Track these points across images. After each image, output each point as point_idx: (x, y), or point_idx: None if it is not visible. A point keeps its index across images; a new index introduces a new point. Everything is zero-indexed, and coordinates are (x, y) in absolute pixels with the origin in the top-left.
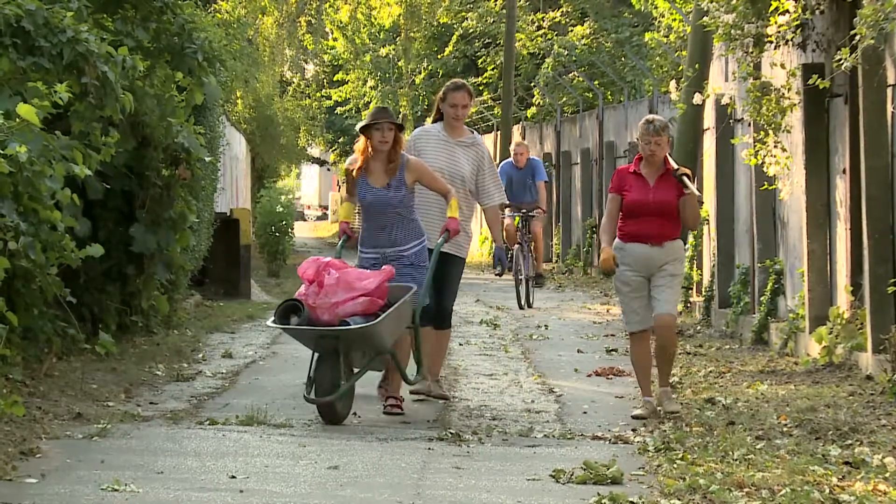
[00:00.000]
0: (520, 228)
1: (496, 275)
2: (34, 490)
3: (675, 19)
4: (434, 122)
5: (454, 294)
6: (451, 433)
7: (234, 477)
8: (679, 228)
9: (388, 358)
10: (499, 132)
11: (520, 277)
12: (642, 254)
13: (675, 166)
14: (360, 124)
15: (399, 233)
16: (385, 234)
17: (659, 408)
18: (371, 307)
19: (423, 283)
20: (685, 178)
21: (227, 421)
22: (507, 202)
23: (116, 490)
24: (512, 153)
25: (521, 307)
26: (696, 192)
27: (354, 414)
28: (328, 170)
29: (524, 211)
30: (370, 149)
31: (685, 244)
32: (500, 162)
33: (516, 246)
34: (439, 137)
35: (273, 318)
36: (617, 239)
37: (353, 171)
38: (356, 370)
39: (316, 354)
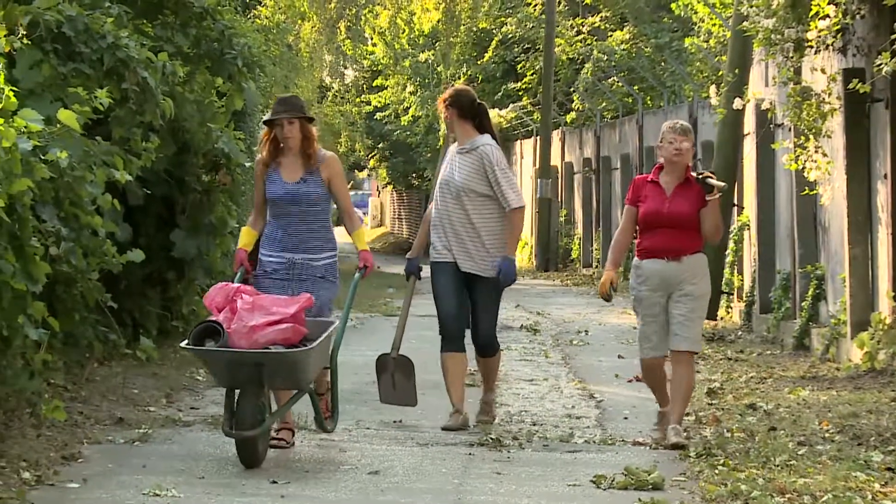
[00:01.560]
0: None
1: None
2: (76, 495)
3: (714, 24)
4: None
5: (493, 317)
6: (491, 438)
7: (274, 482)
8: (700, 242)
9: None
10: (538, 138)
11: None
12: (659, 271)
13: (696, 174)
14: (265, 117)
15: (312, 239)
16: (295, 236)
17: (664, 440)
18: (295, 335)
19: (330, 300)
20: (709, 180)
21: None
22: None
23: (158, 495)
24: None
25: None
26: (722, 184)
27: (396, 421)
28: (368, 175)
29: None
30: (277, 141)
31: (725, 249)
32: (539, 168)
33: None
34: (452, 150)
35: (187, 341)
36: (634, 257)
37: (263, 164)
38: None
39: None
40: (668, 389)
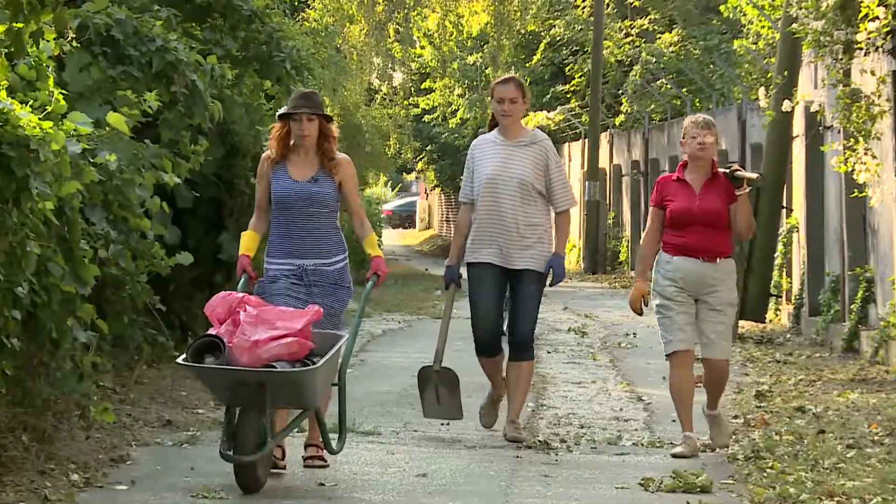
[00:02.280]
0: None
1: (548, 284)
2: (124, 497)
3: (763, 26)
4: (490, 128)
5: (533, 317)
6: (539, 441)
7: (322, 484)
8: (732, 244)
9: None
10: (587, 140)
11: None
12: (692, 270)
13: (723, 170)
14: (280, 111)
15: (322, 242)
16: (304, 241)
17: (706, 442)
18: (301, 350)
19: (344, 309)
20: (738, 173)
21: None
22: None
23: (206, 497)
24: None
25: None
26: (753, 175)
27: (444, 424)
28: (416, 178)
29: None
30: (289, 138)
31: (774, 252)
32: (588, 170)
33: None
34: (495, 142)
35: (184, 356)
36: (662, 253)
37: (270, 160)
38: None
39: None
40: (692, 408)
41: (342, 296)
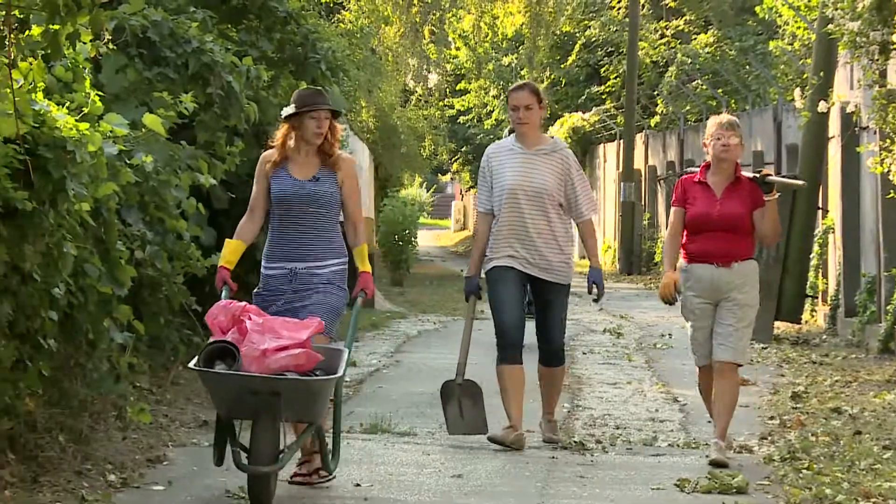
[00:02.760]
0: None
1: (593, 300)
2: (161, 497)
3: (799, 27)
4: (509, 133)
5: (562, 326)
6: (574, 442)
7: (358, 485)
8: (752, 247)
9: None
10: (622, 141)
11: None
12: (708, 276)
13: (750, 175)
14: (287, 110)
15: (318, 244)
16: (299, 243)
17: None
18: (309, 362)
19: (337, 310)
20: (770, 178)
21: (351, 429)
22: (596, 213)
23: (242, 497)
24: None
25: None
26: (796, 181)
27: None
28: (452, 179)
29: None
30: (292, 140)
31: (810, 253)
32: (623, 171)
33: None
34: (513, 150)
35: (195, 361)
36: (681, 260)
37: (268, 161)
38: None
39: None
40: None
41: (336, 294)
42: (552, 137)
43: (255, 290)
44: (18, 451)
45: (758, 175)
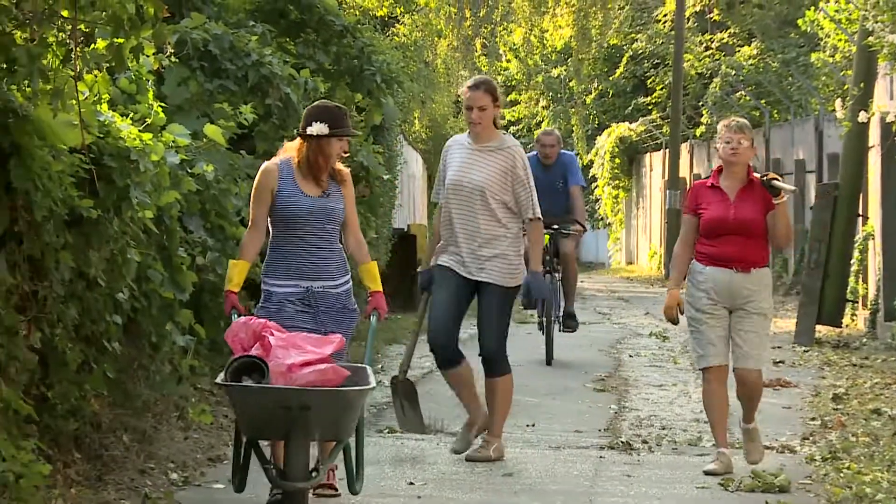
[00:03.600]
0: (547, 250)
1: (523, 307)
2: (221, 495)
3: (840, 39)
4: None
5: (497, 332)
6: (621, 442)
7: (412, 483)
8: (767, 253)
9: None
10: (667, 150)
11: (542, 318)
12: (725, 280)
13: (760, 176)
14: (314, 128)
15: (330, 262)
16: (312, 260)
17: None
18: (336, 378)
19: (349, 336)
20: (775, 182)
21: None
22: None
23: None
24: (538, 145)
25: (548, 362)
26: (791, 187)
27: (529, 425)
28: None
29: (555, 227)
30: (306, 157)
31: (850, 258)
32: (668, 179)
33: (546, 276)
34: (464, 145)
35: (223, 376)
36: (695, 262)
37: (275, 174)
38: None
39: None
40: (727, 424)
41: (349, 322)
42: (504, 134)
43: (257, 306)
44: (84, 451)
45: (764, 178)
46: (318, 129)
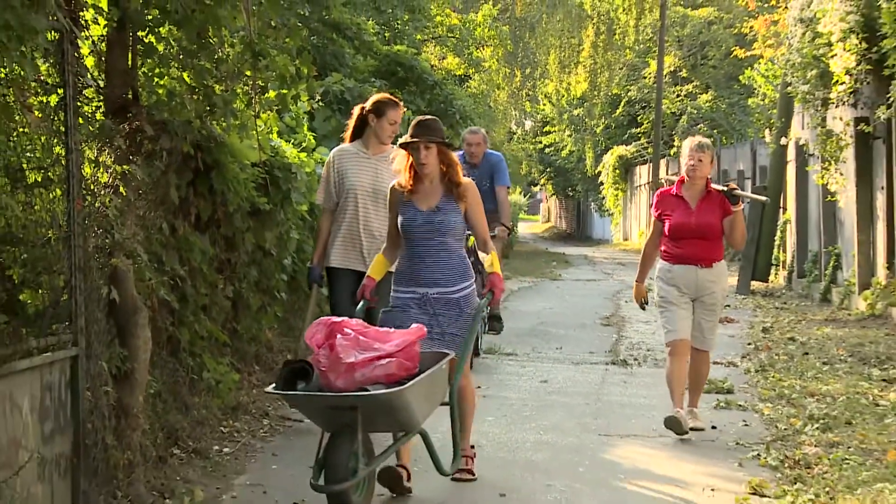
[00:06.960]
0: (473, 251)
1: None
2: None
3: (768, 89)
4: (352, 140)
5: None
6: (620, 360)
7: (479, 387)
8: (723, 249)
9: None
10: (651, 164)
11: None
12: (692, 276)
13: (719, 188)
14: (401, 140)
15: (446, 270)
16: (427, 269)
17: (688, 421)
18: (399, 371)
19: (470, 329)
20: (737, 192)
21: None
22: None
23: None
24: (464, 144)
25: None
26: (760, 197)
27: (558, 348)
28: (540, 189)
29: None
30: (413, 168)
31: (774, 236)
32: (651, 183)
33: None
34: (359, 155)
35: (274, 384)
36: (663, 262)
37: (399, 190)
38: (377, 453)
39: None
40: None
41: (465, 322)
42: (392, 146)
43: (383, 310)
44: (261, 365)
45: (726, 189)
46: (401, 140)
